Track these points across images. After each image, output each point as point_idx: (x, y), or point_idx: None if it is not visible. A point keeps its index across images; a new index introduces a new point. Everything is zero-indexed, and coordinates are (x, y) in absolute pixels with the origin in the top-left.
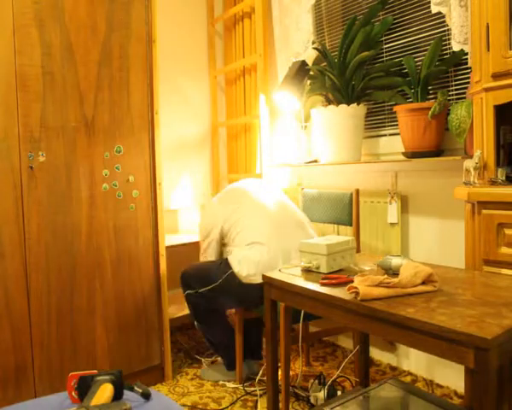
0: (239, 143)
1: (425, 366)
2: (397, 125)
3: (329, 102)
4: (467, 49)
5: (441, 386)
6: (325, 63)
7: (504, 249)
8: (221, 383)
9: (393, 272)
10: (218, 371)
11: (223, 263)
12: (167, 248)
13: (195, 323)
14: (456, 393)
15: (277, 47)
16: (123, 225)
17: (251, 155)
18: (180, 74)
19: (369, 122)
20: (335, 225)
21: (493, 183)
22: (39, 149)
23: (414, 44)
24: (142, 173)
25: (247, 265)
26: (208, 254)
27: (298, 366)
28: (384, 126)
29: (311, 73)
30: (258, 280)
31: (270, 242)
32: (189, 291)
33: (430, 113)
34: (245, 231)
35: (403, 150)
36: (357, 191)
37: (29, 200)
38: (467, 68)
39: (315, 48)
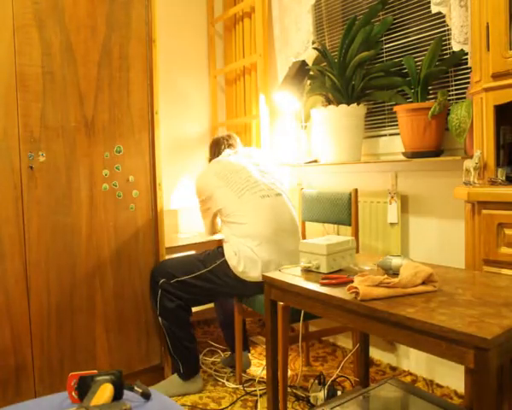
0: None
1: (425, 366)
2: (397, 125)
3: (329, 102)
4: (467, 49)
5: (441, 386)
6: (325, 63)
7: (504, 249)
8: (221, 382)
9: (393, 272)
10: (173, 385)
11: (215, 250)
12: (167, 248)
13: (160, 319)
14: (456, 393)
15: (277, 47)
16: (123, 225)
17: None
18: (180, 74)
19: (369, 122)
20: (335, 225)
21: (493, 183)
22: (39, 149)
23: (414, 44)
24: (142, 173)
25: (244, 262)
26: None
27: (298, 366)
28: (384, 126)
29: (311, 73)
30: (259, 279)
31: (266, 241)
32: (164, 280)
33: (430, 113)
34: (248, 221)
35: (403, 150)
36: (356, 191)
37: (29, 200)
38: (467, 68)
39: (315, 48)
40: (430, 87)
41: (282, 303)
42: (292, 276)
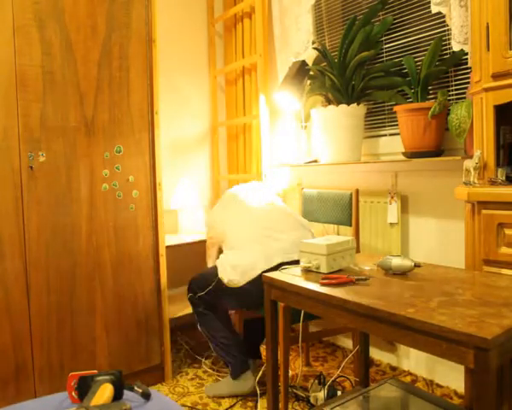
0: (239, 143)
1: (425, 366)
2: (397, 125)
3: (329, 102)
4: (467, 49)
5: (441, 386)
6: (325, 63)
7: (504, 249)
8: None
9: (393, 272)
10: (223, 384)
11: (216, 268)
12: (167, 248)
13: (199, 327)
14: (456, 393)
15: (277, 47)
16: (123, 225)
17: (251, 155)
18: (180, 74)
19: (369, 122)
20: (335, 225)
21: (493, 183)
22: (39, 149)
23: (414, 44)
24: (142, 173)
25: (227, 270)
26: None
27: (298, 366)
28: (384, 126)
29: (311, 73)
30: (240, 284)
31: (249, 245)
32: (190, 294)
33: (430, 113)
34: (229, 236)
35: (403, 150)
36: (357, 191)
37: (29, 200)
38: (467, 68)
39: (315, 48)
40: (430, 87)
41: (282, 304)
42: (292, 276)
